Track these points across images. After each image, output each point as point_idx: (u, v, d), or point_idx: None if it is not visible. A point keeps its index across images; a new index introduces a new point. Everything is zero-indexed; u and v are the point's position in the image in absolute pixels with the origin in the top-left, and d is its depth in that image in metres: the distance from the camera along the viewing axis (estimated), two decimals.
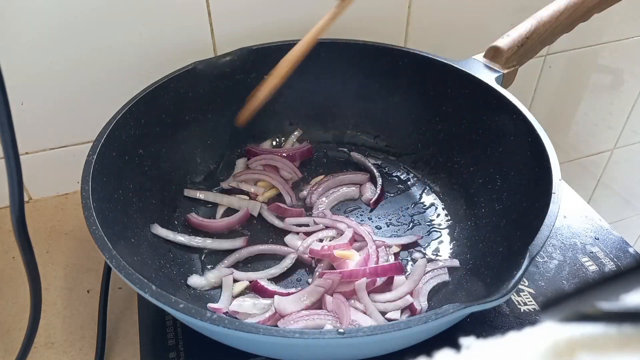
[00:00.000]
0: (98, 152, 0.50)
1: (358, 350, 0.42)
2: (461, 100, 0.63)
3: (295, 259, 0.57)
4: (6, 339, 0.54)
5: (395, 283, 0.53)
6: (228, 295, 0.53)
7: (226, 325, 0.36)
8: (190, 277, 0.55)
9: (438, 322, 0.37)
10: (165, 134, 0.61)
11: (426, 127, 0.68)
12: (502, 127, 0.58)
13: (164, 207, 0.60)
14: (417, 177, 0.68)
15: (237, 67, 0.65)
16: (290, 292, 0.52)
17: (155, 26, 0.64)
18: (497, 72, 0.60)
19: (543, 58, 0.90)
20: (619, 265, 0.57)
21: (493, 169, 0.60)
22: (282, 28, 0.70)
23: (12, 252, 0.63)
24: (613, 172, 1.19)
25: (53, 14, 0.59)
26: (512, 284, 0.38)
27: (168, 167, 0.62)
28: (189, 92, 0.62)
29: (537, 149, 0.52)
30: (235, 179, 0.66)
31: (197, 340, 0.48)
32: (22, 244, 0.41)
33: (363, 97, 0.70)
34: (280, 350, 0.43)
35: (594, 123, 1.08)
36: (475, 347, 0.22)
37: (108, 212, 0.48)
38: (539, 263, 0.57)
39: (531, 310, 0.52)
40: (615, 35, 0.94)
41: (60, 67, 0.63)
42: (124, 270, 0.40)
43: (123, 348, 0.53)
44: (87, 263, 0.62)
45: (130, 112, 0.55)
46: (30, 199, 0.71)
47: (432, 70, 0.64)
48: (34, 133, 0.66)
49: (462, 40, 0.81)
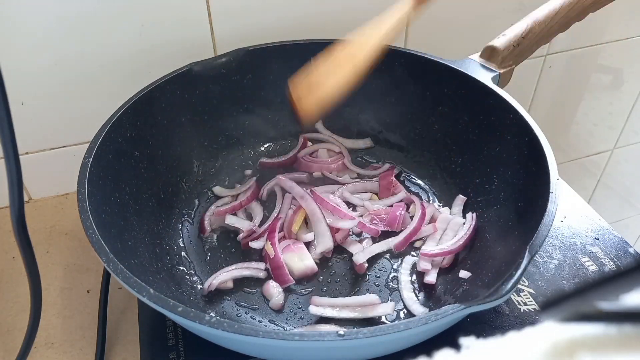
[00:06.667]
0: (94, 155, 0.50)
1: (358, 352, 0.42)
2: (458, 100, 0.63)
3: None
4: (6, 339, 0.54)
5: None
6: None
7: (225, 329, 0.36)
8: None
9: (438, 323, 0.37)
10: (161, 135, 0.61)
11: (423, 127, 0.68)
12: (499, 126, 0.58)
13: (160, 209, 0.60)
14: (414, 177, 0.68)
15: (233, 68, 0.64)
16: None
17: (155, 26, 0.64)
18: (493, 71, 0.60)
19: (543, 58, 0.90)
20: (619, 265, 0.57)
21: (490, 169, 0.60)
22: (282, 28, 0.70)
23: (12, 252, 0.63)
24: (613, 172, 1.19)
25: (53, 14, 0.59)
26: (512, 284, 0.38)
27: (164, 169, 0.61)
28: (185, 93, 0.62)
29: (534, 148, 0.52)
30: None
31: (197, 341, 0.48)
32: (22, 244, 0.41)
33: (360, 97, 0.70)
34: (279, 352, 0.42)
35: (594, 123, 1.08)
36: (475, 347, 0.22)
37: (105, 214, 0.48)
38: (539, 263, 0.57)
39: (531, 310, 0.52)
40: (615, 35, 0.94)
41: (60, 67, 0.63)
42: (121, 273, 0.40)
43: (123, 348, 0.53)
44: (87, 263, 0.62)
45: (125, 114, 0.55)
46: (30, 199, 0.71)
47: (428, 71, 0.64)
48: (34, 133, 0.66)
49: (460, 40, 0.81)
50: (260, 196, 0.65)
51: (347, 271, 0.57)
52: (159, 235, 0.57)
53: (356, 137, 0.72)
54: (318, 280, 0.56)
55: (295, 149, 0.70)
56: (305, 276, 0.56)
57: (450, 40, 0.80)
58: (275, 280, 0.55)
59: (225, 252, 0.59)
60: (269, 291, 0.54)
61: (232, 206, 0.62)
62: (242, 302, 0.54)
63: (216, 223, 0.62)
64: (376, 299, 0.51)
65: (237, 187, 0.66)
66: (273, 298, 0.53)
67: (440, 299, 0.53)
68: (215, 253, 0.59)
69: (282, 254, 0.56)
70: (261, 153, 0.71)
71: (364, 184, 0.66)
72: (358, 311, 0.51)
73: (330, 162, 0.69)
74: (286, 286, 0.54)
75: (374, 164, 0.70)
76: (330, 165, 0.69)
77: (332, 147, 0.71)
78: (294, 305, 0.53)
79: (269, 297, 0.53)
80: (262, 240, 0.58)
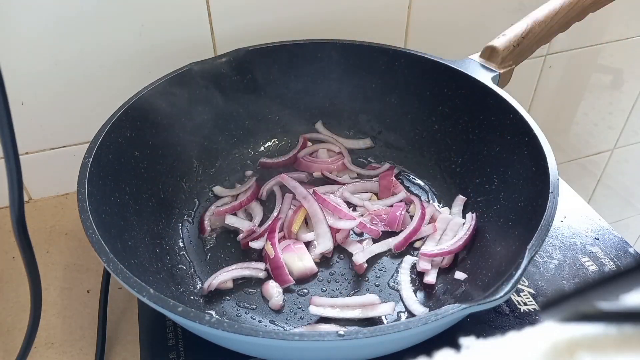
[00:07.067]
0: (94, 155, 0.50)
1: (358, 352, 0.42)
2: (458, 100, 0.63)
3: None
4: (6, 339, 0.54)
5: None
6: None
7: (225, 329, 0.36)
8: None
9: (438, 323, 0.37)
10: (161, 135, 0.61)
11: (423, 127, 0.68)
12: (499, 126, 0.58)
13: (160, 210, 0.60)
14: (414, 177, 0.68)
15: (233, 68, 0.64)
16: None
17: (155, 26, 0.64)
18: (493, 71, 0.60)
19: (543, 58, 0.90)
20: (619, 265, 0.57)
21: (490, 169, 0.60)
22: (282, 28, 0.70)
23: (12, 252, 0.63)
24: (613, 172, 1.19)
25: (54, 14, 0.59)
26: (512, 284, 0.38)
27: (164, 170, 0.61)
28: (185, 93, 0.62)
29: (534, 148, 0.52)
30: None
31: (197, 340, 0.48)
32: (22, 244, 0.41)
33: (359, 97, 0.70)
34: (279, 352, 0.42)
35: (594, 123, 1.08)
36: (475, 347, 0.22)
37: (105, 214, 0.48)
38: (539, 263, 0.57)
39: (531, 310, 0.52)
40: (615, 35, 0.94)
41: (60, 67, 0.63)
42: (121, 273, 0.40)
43: (123, 348, 0.53)
44: (87, 263, 0.62)
45: (125, 114, 0.55)
46: (30, 199, 0.71)
47: (428, 71, 0.64)
48: (34, 133, 0.66)
49: (460, 40, 0.81)
50: (260, 196, 0.65)
51: (347, 271, 0.57)
52: (159, 235, 0.57)
53: (356, 137, 0.73)
54: (318, 280, 0.56)
55: (295, 149, 0.70)
56: (305, 277, 0.56)
57: (450, 40, 0.80)
58: (275, 280, 0.55)
59: (225, 252, 0.59)
60: (268, 291, 0.54)
61: (232, 206, 0.62)
62: (242, 302, 0.54)
63: (216, 223, 0.62)
64: (376, 299, 0.51)
65: (237, 187, 0.66)
66: (273, 298, 0.53)
67: (440, 299, 0.53)
68: (215, 253, 0.59)
69: (282, 254, 0.56)
70: (261, 153, 0.71)
71: (364, 184, 0.66)
72: (358, 311, 0.51)
73: (330, 162, 0.69)
74: (286, 286, 0.54)
75: (373, 163, 0.70)
76: (330, 165, 0.69)
77: (332, 147, 0.71)
78: (294, 305, 0.53)
79: (269, 297, 0.53)
80: (262, 240, 0.58)
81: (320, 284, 0.55)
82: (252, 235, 0.59)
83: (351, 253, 0.57)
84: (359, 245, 0.58)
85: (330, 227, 0.58)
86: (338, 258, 0.58)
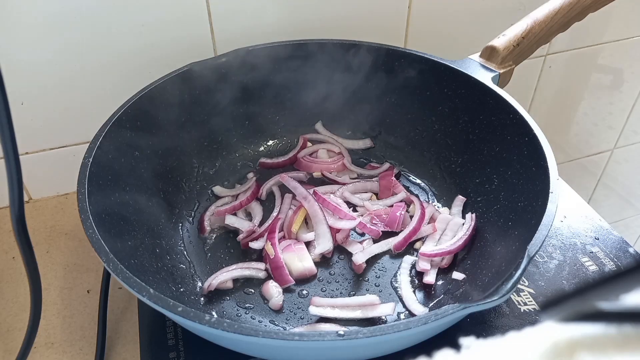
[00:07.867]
0: (94, 155, 0.50)
1: (358, 352, 0.42)
2: (457, 100, 0.63)
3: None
4: (6, 339, 0.54)
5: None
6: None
7: (225, 329, 0.36)
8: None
9: (437, 323, 0.37)
10: (161, 136, 0.61)
11: (423, 127, 0.68)
12: (499, 126, 0.58)
13: (160, 210, 0.59)
14: (414, 177, 0.68)
15: (233, 68, 0.64)
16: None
17: (155, 26, 0.64)
18: (493, 71, 0.60)
19: (543, 58, 0.90)
20: (619, 265, 0.57)
21: (490, 169, 0.60)
22: (282, 28, 0.70)
23: (12, 252, 0.63)
24: (613, 172, 1.19)
25: (53, 14, 0.59)
26: (511, 284, 0.38)
27: (164, 170, 0.61)
28: (185, 93, 0.62)
29: (533, 148, 0.52)
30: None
31: (197, 341, 0.48)
32: (22, 244, 0.41)
33: (359, 97, 0.70)
34: (279, 352, 0.42)
35: (594, 123, 1.08)
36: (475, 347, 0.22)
37: (105, 214, 0.48)
38: (539, 263, 0.57)
39: (531, 310, 0.52)
40: (615, 35, 0.94)
41: (60, 67, 0.63)
42: (121, 273, 0.40)
43: (123, 348, 0.53)
44: (87, 263, 0.62)
45: (125, 114, 0.55)
46: (30, 199, 0.71)
47: (428, 71, 0.64)
48: (34, 133, 0.66)
49: (460, 40, 0.81)
50: (260, 196, 0.65)
51: (347, 271, 0.57)
52: (159, 235, 0.57)
53: (356, 137, 0.73)
54: (318, 280, 0.56)
55: (295, 149, 0.70)
56: (304, 277, 0.56)
57: (450, 40, 0.80)
58: (275, 280, 0.55)
59: (225, 252, 0.59)
60: (268, 291, 0.54)
61: (232, 206, 0.62)
62: (242, 302, 0.54)
63: (216, 223, 0.62)
64: (376, 299, 0.51)
65: (237, 187, 0.66)
66: (273, 298, 0.53)
67: (440, 299, 0.53)
68: (215, 253, 0.59)
69: (282, 254, 0.56)
70: (261, 153, 0.71)
71: (364, 184, 0.66)
72: (358, 311, 0.51)
73: (330, 163, 0.69)
74: (286, 286, 0.54)
75: (373, 163, 0.70)
76: (330, 165, 0.69)
77: (332, 148, 0.71)
78: (294, 305, 0.53)
79: (269, 297, 0.53)
80: (262, 241, 0.58)
81: (320, 284, 0.55)
82: (252, 235, 0.59)
83: (351, 253, 0.57)
84: (359, 245, 0.58)
85: (330, 227, 0.58)
86: (338, 258, 0.58)
